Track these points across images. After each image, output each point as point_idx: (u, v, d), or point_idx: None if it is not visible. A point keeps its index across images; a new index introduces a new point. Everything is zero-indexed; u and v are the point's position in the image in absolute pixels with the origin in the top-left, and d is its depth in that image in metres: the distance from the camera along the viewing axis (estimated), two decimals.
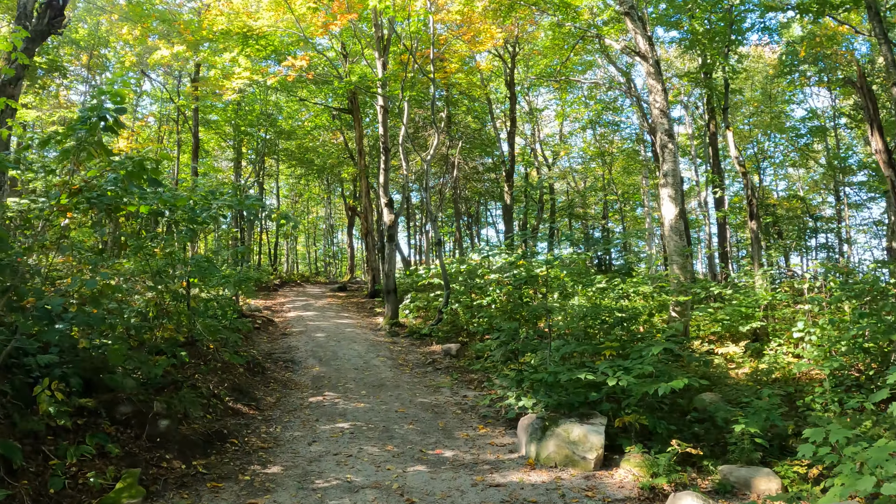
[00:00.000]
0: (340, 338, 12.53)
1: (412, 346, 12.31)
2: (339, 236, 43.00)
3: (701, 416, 6.46)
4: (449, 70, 20.50)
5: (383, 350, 11.58)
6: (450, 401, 8.27)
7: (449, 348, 11.41)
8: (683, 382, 5.67)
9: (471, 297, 13.94)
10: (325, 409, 7.51)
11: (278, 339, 12.45)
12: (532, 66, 27.83)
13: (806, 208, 27.40)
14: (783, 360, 9.24)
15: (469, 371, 10.23)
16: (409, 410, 7.55)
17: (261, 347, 11.38)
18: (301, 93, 22.44)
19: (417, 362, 10.86)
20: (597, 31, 16.29)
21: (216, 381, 7.68)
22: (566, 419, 5.88)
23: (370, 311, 17.04)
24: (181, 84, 22.79)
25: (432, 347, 12.10)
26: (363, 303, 18.74)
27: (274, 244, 35.78)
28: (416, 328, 13.37)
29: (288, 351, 11.25)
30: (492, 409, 7.62)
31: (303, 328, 13.62)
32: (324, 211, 38.32)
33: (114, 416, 5.60)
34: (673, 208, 11.28)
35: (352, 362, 10.39)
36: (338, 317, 15.60)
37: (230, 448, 5.84)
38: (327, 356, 10.80)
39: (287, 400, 8.08)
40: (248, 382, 8.57)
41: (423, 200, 12.24)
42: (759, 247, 15.91)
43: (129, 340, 7.58)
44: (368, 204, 20.12)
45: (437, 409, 7.68)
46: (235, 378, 8.33)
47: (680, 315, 10.49)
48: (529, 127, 31.36)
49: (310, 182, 32.46)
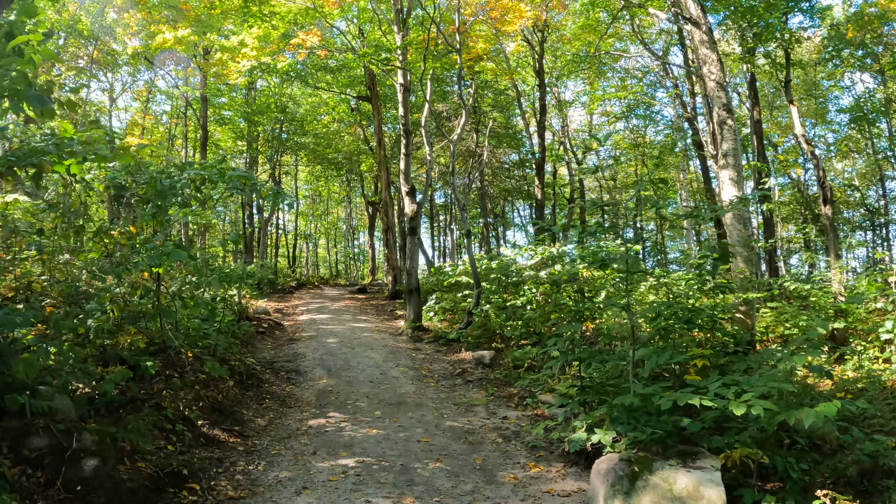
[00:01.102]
0: (355, 344, 10.86)
1: (437, 353, 10.57)
2: (361, 238, 41.62)
3: (816, 443, 4.60)
4: (474, 52, 18.85)
5: (404, 358, 9.87)
6: (487, 424, 6.50)
7: (481, 356, 9.64)
8: (836, 408, 3.83)
9: (503, 297, 12.20)
10: (328, 436, 5.81)
11: (284, 344, 10.83)
12: (559, 55, 26.18)
13: (861, 199, 25.11)
14: (870, 366, 7.51)
15: (507, 384, 8.46)
16: (435, 439, 5.80)
17: (261, 355, 9.77)
18: (318, 83, 21.02)
19: (444, 373, 9.11)
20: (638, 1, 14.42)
21: (191, 398, 6.04)
22: (663, 462, 4.07)
23: (390, 313, 15.37)
24: (189, 78, 21.54)
25: (461, 355, 10.35)
26: (383, 305, 17.09)
27: (293, 246, 34.48)
28: (442, 332, 11.63)
29: (293, 359, 9.61)
30: (543, 439, 5.83)
31: (314, 333, 12.00)
32: (344, 211, 36.93)
33: (21, 452, 3.99)
34: (735, 192, 9.51)
35: (366, 373, 8.69)
36: (354, 320, 13.95)
37: (185, 499, 4.16)
38: (338, 366, 9.12)
39: (282, 422, 6.41)
40: (237, 399, 6.92)
41: (452, 186, 10.45)
42: (835, 236, 13.80)
43: (85, 347, 6.03)
44: (389, 198, 18.50)
45: (471, 438, 5.92)
46: (220, 394, 6.69)
47: (745, 316, 8.62)
48: (557, 122, 29.54)
49: (329, 181, 31.04)
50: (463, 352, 10.53)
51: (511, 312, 10.92)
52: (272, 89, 21.58)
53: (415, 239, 12.41)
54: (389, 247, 18.06)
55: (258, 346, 10.48)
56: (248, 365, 8.28)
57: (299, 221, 35.26)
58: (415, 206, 12.51)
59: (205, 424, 5.74)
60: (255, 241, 23.71)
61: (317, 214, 37.45)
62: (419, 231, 12.51)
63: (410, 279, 12.24)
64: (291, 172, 32.63)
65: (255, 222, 24.69)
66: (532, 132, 25.84)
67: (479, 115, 25.24)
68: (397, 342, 11.32)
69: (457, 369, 9.30)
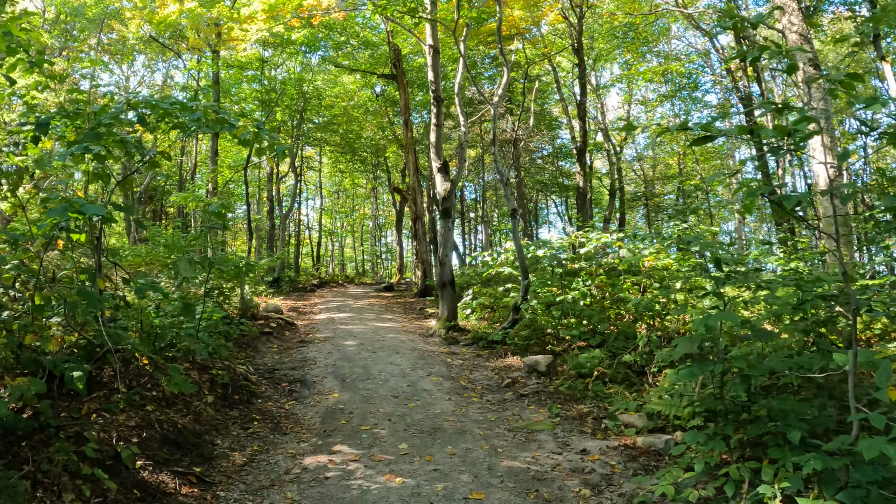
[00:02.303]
0: (377, 346, 8.94)
1: (478, 358, 8.58)
2: (389, 237, 39.87)
3: None
4: (511, 20, 16.87)
5: (437, 365, 7.91)
6: (560, 463, 4.48)
7: (535, 362, 7.60)
8: None
9: (551, 290, 10.17)
10: (328, 488, 3.87)
11: (293, 347, 8.98)
12: (597, 36, 24.02)
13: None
14: None
15: (573, 399, 6.43)
16: (491, 495, 3.80)
17: (263, 360, 7.94)
18: (339, 62, 19.30)
19: (489, 384, 7.12)
20: None
21: (135, 425, 4.19)
22: None
23: (420, 312, 13.44)
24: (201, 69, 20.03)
25: (507, 360, 8.34)
26: (411, 303, 15.18)
27: (317, 244, 32.94)
28: (482, 333, 9.64)
29: (300, 365, 7.74)
30: (662, 497, 3.76)
31: (329, 333, 10.14)
32: (370, 208, 35.27)
33: None
34: (829, 159, 7.48)
35: (389, 385, 6.75)
36: (378, 319, 12.06)
37: None
38: (354, 375, 7.21)
39: (267, 459, 4.50)
40: (212, 423, 5.06)
41: (493, 157, 8.35)
42: None
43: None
44: (417, 184, 16.60)
45: (544, 490, 3.91)
46: (186, 416, 4.84)
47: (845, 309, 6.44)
48: (594, 111, 27.40)
49: (353, 174, 29.35)
50: (509, 356, 8.52)
51: (568, 308, 8.86)
52: (290, 73, 19.95)
53: (448, 222, 10.45)
54: (418, 238, 16.14)
55: (261, 349, 8.66)
56: (238, 374, 6.43)
57: (324, 219, 33.75)
58: (448, 185, 10.55)
59: (147, 466, 3.86)
60: (273, 238, 22.14)
61: (342, 211, 35.88)
62: (454, 213, 10.55)
63: (443, 270, 10.28)
64: (315, 167, 31.11)
65: (274, 217, 23.12)
66: (571, 114, 23.73)
67: (514, 104, 23.27)
68: (428, 345, 9.36)
69: (505, 379, 7.29)
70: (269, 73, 18.16)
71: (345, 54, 19.64)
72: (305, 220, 35.16)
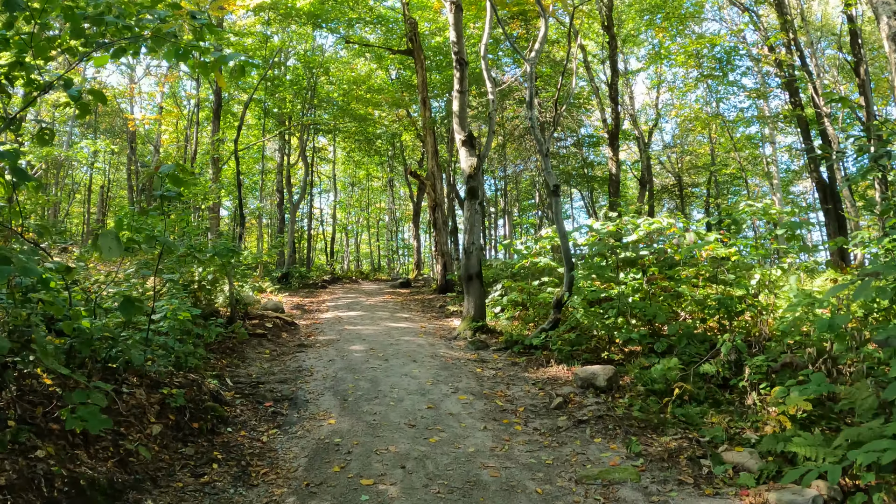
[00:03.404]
0: (390, 352, 7.33)
1: (514, 367, 6.93)
2: (406, 233, 38.31)
3: None
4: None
5: (465, 377, 6.27)
6: None
7: (591, 375, 5.92)
8: None
9: (594, 285, 8.54)
10: None
11: (288, 353, 7.41)
12: (626, 18, 22.29)
13: None
14: None
15: (649, 426, 4.76)
16: None
17: (248, 369, 6.38)
18: (352, 38, 17.75)
19: (534, 405, 5.46)
20: None
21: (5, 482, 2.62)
22: None
23: (440, 310, 11.82)
24: None
25: (551, 370, 6.68)
26: (430, 300, 13.57)
27: (331, 239, 31.52)
28: (517, 336, 7.98)
29: (293, 377, 6.16)
30: None
31: (334, 336, 8.56)
32: (386, 201, 33.75)
33: None
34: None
35: (404, 406, 5.13)
36: (392, 318, 10.46)
37: None
38: (360, 391, 5.61)
39: None
40: (147, 470, 3.49)
41: (530, 122, 6.50)
42: None
43: None
44: (436, 168, 14.98)
45: None
46: (109, 461, 3.28)
47: None
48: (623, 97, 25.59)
49: (368, 163, 27.82)
50: (553, 365, 6.86)
51: (625, 306, 7.17)
52: (295, 51, 18.41)
53: (475, 204, 8.80)
54: (438, 228, 14.51)
55: (249, 355, 7.10)
56: (205, 392, 4.86)
57: (338, 213, 32.29)
58: (474, 160, 8.90)
59: None
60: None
61: (357, 205, 34.43)
62: (481, 194, 8.91)
63: (469, 261, 8.64)
64: (328, 158, 29.65)
65: (284, 209, 21.69)
66: (601, 96, 21.97)
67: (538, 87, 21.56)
68: (452, 350, 7.73)
69: (553, 397, 5.63)
70: (273, 49, 16.64)
71: (357, 37, 18.11)
72: (318, 215, 33.81)
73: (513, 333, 8.15)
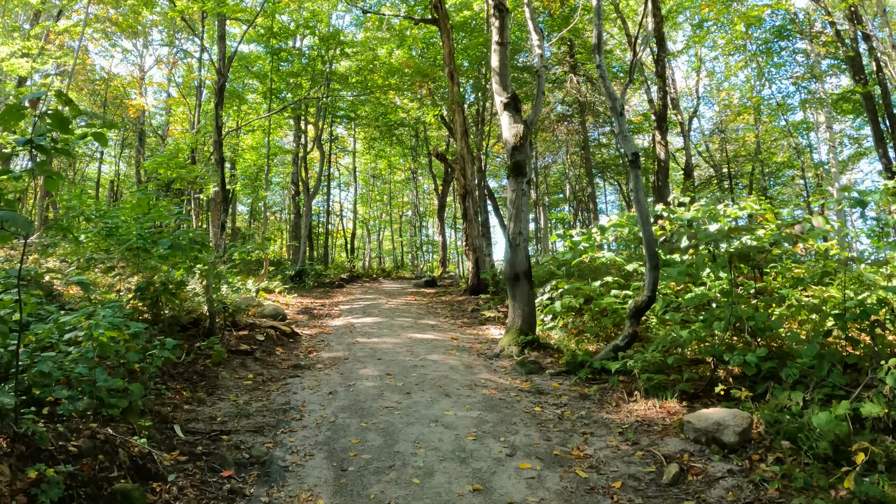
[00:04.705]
0: (414, 380, 5.43)
1: (583, 402, 4.98)
2: (430, 230, 36.45)
3: None
4: None
5: (521, 424, 4.33)
6: None
7: (715, 425, 3.94)
8: None
9: (671, 287, 6.63)
10: None
11: (279, 378, 5.58)
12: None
13: None
14: None
15: None
16: None
17: (211, 408, 4.55)
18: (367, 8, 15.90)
19: (635, 478, 3.50)
20: None
21: None
22: None
23: (472, 316, 9.91)
24: None
25: (637, 408, 4.72)
26: (460, 302, 11.67)
27: (351, 235, 29.84)
28: (581, 356, 6.01)
29: (275, 422, 4.31)
30: None
31: (342, 351, 6.71)
32: (410, 195, 31.92)
33: None
34: None
35: (434, 486, 3.22)
36: (416, 326, 8.57)
37: None
38: (368, 451, 3.72)
39: None
40: None
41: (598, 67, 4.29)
42: None
43: None
44: (466, 150, 13.04)
45: None
46: None
47: None
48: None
49: (390, 155, 26.01)
50: (639, 399, 4.90)
51: (731, 316, 5.17)
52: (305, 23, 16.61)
53: (522, 183, 6.85)
54: (468, 219, 12.57)
55: (225, 382, 5.27)
56: (123, 459, 3.03)
57: (359, 208, 30.60)
58: (520, 127, 6.96)
59: None
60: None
61: (378, 199, 32.70)
62: (528, 170, 6.96)
63: (516, 256, 6.69)
64: (346, 147, 27.95)
65: (299, 203, 20.00)
66: (647, 64, 19.79)
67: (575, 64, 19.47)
68: (496, 374, 5.80)
69: (659, 460, 3.67)
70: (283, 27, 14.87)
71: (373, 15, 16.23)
72: (338, 210, 32.19)
73: (573, 350, 6.18)
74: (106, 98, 23.78)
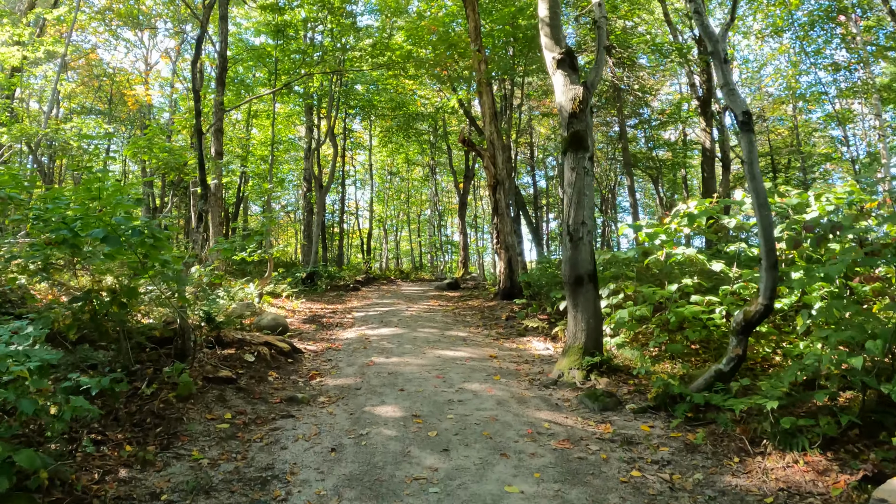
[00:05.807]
0: (450, 428, 3.91)
1: (693, 457, 3.42)
2: (449, 230, 34.92)
3: None
4: None
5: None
6: None
7: None
8: None
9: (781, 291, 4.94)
10: None
11: (265, 420, 4.10)
12: None
13: None
14: None
15: None
16: None
17: (161, 474, 3.07)
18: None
19: None
20: None
21: None
22: None
23: (509, 325, 8.36)
24: None
25: (774, 468, 3.18)
26: (491, 308, 10.13)
27: (367, 235, 28.43)
28: (676, 386, 4.43)
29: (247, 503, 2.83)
30: None
31: (353, 377, 5.22)
32: (429, 192, 30.45)
33: None
34: None
35: None
36: (444, 340, 7.05)
37: None
38: None
39: None
40: None
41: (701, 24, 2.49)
42: None
43: None
44: (496, 134, 11.51)
45: None
46: None
47: None
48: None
49: (408, 149, 24.54)
50: (771, 452, 3.35)
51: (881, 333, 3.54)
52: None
53: (584, 160, 5.31)
54: (500, 213, 11.01)
55: (192, 425, 3.81)
56: None
57: (376, 206, 29.20)
58: (579, 90, 5.43)
59: None
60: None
61: (396, 198, 31.27)
62: (590, 145, 5.40)
63: (578, 254, 5.14)
64: (363, 143, 26.57)
65: (311, 198, 18.61)
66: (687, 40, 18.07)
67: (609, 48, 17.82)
68: (560, 413, 4.26)
69: None
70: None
71: None
72: (354, 209, 30.84)
73: (669, 381, 4.59)
74: (111, 94, 22.71)
